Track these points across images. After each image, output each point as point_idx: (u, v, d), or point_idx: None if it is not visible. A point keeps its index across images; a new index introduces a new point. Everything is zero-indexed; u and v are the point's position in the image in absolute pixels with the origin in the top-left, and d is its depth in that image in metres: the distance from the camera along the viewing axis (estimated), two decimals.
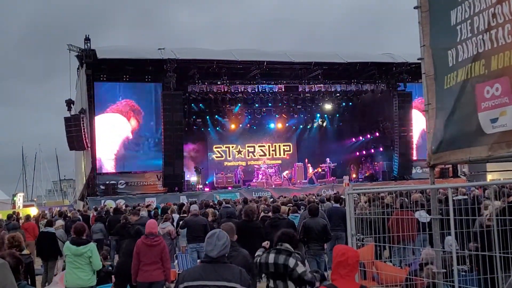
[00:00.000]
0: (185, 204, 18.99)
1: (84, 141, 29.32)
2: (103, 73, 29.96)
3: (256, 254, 6.53)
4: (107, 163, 30.21)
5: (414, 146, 34.70)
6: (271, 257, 6.11)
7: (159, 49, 30.26)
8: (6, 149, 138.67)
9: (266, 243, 6.95)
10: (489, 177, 36.39)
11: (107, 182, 29.64)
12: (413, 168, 34.80)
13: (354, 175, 37.79)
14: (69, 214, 18.35)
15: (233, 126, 38.27)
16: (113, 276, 10.34)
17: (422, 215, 10.03)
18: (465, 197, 11.29)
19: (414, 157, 34.78)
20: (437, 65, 5.57)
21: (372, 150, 37.78)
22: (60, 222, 14.40)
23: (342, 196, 13.80)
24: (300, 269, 6.01)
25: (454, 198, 6.87)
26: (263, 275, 7.03)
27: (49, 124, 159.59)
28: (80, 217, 17.32)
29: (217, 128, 38.08)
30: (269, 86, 32.87)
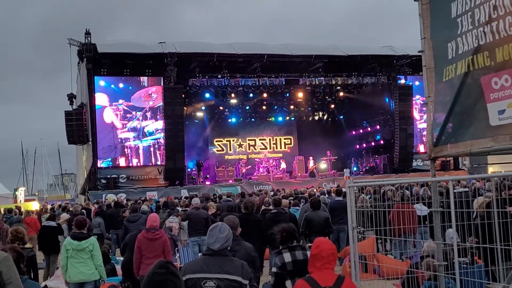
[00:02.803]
0: (185, 199, 19.04)
1: (85, 135, 29.34)
2: (104, 67, 29.91)
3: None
4: (108, 157, 30.20)
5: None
6: (287, 256, 6.00)
7: (159, 43, 30.26)
8: (8, 143, 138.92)
9: None
10: (490, 169, 36.43)
11: (108, 176, 29.66)
12: (414, 160, 34.78)
13: (354, 168, 37.79)
14: (71, 208, 18.34)
15: (234, 120, 38.31)
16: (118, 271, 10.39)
17: (419, 208, 10.06)
18: (466, 189, 11.31)
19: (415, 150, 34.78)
20: (437, 57, 5.57)
21: (373, 143, 37.78)
22: (65, 216, 14.35)
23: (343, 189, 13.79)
24: None
25: (455, 191, 6.88)
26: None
27: (52, 119, 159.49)
28: (84, 211, 17.34)
29: (218, 122, 38.11)
30: (269, 79, 32.82)
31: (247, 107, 37.49)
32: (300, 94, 36.16)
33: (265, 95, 35.17)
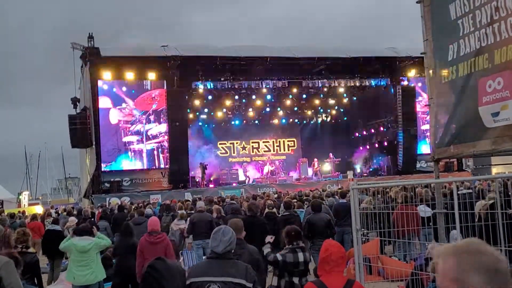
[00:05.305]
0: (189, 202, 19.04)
1: (89, 138, 29.38)
2: (107, 70, 29.93)
3: (266, 252, 6.48)
4: (112, 160, 30.20)
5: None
6: (301, 256, 6.14)
7: (162, 46, 30.28)
8: (13, 148, 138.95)
9: (271, 238, 6.84)
10: (494, 170, 36.32)
11: (112, 180, 29.68)
12: (418, 162, 34.69)
13: (358, 170, 37.74)
14: (74, 212, 18.31)
15: (237, 122, 38.31)
16: None
17: (422, 210, 10.03)
18: (470, 191, 11.28)
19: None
20: (437, 59, 5.57)
21: (377, 145, 37.70)
22: (73, 220, 14.28)
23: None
24: None
25: (459, 192, 6.87)
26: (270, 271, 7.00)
27: (57, 122, 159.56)
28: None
29: (221, 125, 38.12)
30: (272, 81, 32.81)
31: (250, 110, 37.48)
32: (304, 96, 36.16)
33: (268, 97, 35.19)
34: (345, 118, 40.66)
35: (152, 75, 30.78)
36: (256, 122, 39.25)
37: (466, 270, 1.84)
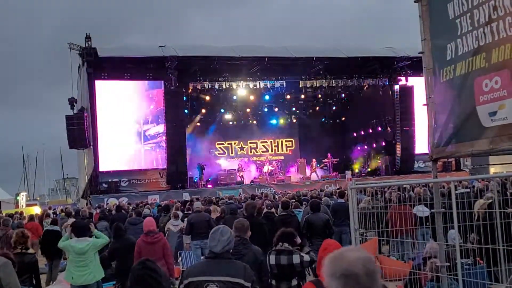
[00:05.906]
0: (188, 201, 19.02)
1: (87, 139, 29.33)
2: (104, 71, 29.92)
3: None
4: (110, 161, 30.15)
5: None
6: (272, 259, 6.10)
7: (159, 46, 30.23)
8: (11, 149, 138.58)
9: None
10: (492, 170, 36.34)
11: (110, 180, 29.65)
12: (416, 162, 34.68)
13: (356, 170, 37.73)
14: (73, 213, 18.25)
15: (235, 123, 38.29)
16: None
17: (419, 209, 10.04)
18: (468, 190, 11.30)
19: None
20: (435, 58, 5.57)
21: (374, 145, 37.68)
22: (72, 221, 14.23)
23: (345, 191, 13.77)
24: (307, 257, 6.13)
25: (456, 192, 6.88)
26: None
27: (54, 123, 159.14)
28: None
29: (219, 125, 38.10)
30: (270, 81, 32.80)
31: (248, 110, 37.48)
32: (302, 96, 36.16)
33: (266, 97, 35.21)
34: (343, 118, 40.67)
35: (149, 76, 30.80)
36: (254, 122, 39.25)
37: (328, 276, 2.22)
